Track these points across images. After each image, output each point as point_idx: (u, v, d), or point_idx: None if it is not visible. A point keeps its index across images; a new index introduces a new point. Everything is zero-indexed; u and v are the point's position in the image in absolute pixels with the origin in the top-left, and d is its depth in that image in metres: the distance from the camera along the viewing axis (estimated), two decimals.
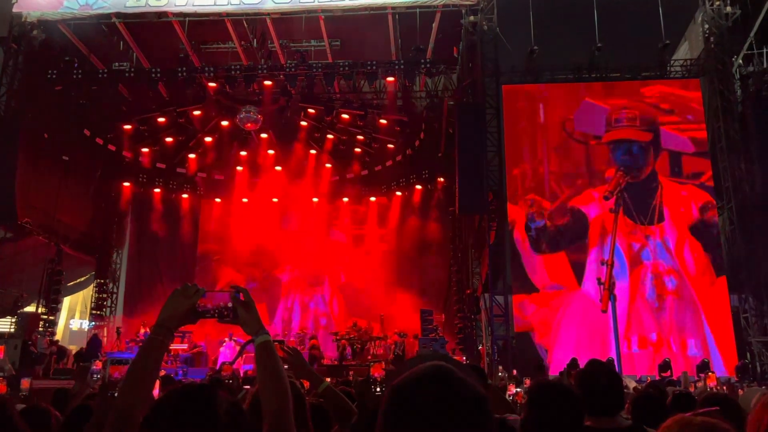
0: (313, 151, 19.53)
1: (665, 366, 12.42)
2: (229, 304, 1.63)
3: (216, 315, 1.63)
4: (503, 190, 14.14)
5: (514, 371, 12.24)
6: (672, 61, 15.45)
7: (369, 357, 15.94)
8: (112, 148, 18.12)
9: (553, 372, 12.04)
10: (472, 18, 14.41)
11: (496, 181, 13.99)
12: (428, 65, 15.11)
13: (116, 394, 2.27)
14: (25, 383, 4.44)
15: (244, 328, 1.64)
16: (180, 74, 15.25)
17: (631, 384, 5.51)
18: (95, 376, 4.10)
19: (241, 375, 11.92)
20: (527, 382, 6.09)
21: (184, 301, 1.59)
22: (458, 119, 14.51)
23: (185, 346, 14.69)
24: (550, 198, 14.31)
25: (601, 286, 13.13)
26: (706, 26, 14.94)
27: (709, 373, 10.12)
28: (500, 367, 12.65)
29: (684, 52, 16.57)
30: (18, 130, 14.12)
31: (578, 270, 13.76)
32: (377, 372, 11.33)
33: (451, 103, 16.12)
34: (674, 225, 13.85)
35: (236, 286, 1.66)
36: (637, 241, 13.79)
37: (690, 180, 14.11)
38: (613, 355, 11.59)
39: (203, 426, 1.19)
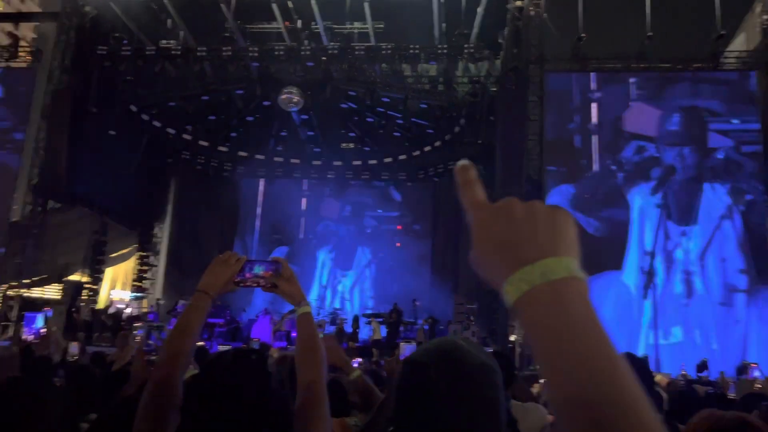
0: (352, 134, 19.60)
1: (702, 366, 12.15)
2: (269, 274, 1.66)
3: (255, 284, 1.66)
4: (543, 179, 13.95)
5: None
6: (726, 53, 14.90)
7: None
8: (157, 124, 18.51)
9: None
10: (518, 3, 14.16)
11: (536, 170, 13.80)
12: (471, 50, 14.94)
13: (155, 358, 2.35)
14: (74, 346, 4.64)
15: (286, 299, 1.68)
16: (225, 53, 15.47)
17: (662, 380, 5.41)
18: (137, 337, 4.30)
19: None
20: None
21: (224, 269, 1.63)
22: (500, 106, 14.33)
23: (222, 321, 15.02)
24: (599, 190, 14.19)
25: (644, 275, 13.12)
26: (765, 17, 14.32)
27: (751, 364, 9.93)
28: None
29: (740, 43, 15.94)
30: (68, 104, 14.55)
31: (618, 257, 13.62)
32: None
33: (494, 89, 15.92)
34: (711, 225, 13.54)
35: (277, 258, 1.70)
36: (672, 239, 13.60)
37: (736, 181, 13.75)
38: (650, 345, 11.58)
39: (256, 384, 1.22)
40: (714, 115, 14.11)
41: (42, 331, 4.27)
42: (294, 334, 11.21)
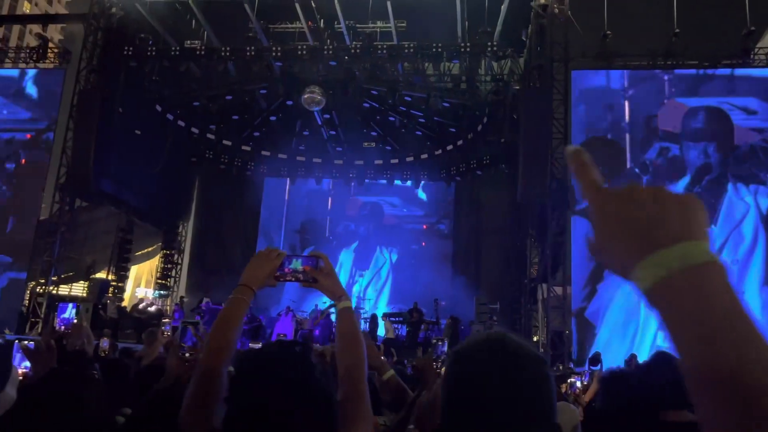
0: (374, 133, 19.61)
1: None
2: (308, 269, 1.66)
3: (295, 279, 1.66)
4: (568, 178, 13.80)
5: (570, 364, 12.04)
6: (756, 49, 14.59)
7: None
8: (181, 123, 18.70)
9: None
10: (542, 0, 14.03)
11: (561, 169, 13.66)
12: (495, 48, 14.83)
13: (189, 354, 2.36)
14: (105, 341, 4.74)
15: (326, 294, 1.67)
16: (248, 53, 15.57)
17: None
18: (165, 333, 4.40)
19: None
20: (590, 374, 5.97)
21: (266, 263, 1.63)
22: (524, 105, 14.21)
23: (245, 319, 15.11)
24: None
25: None
26: None
27: None
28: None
29: None
30: (96, 104, 14.76)
31: None
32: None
33: (517, 87, 15.79)
34: (729, 226, 13.25)
35: (317, 253, 1.69)
36: None
37: (761, 180, 13.46)
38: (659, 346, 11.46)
39: (301, 375, 1.22)
40: (750, 113, 13.80)
41: (74, 321, 4.34)
42: (317, 333, 11.21)
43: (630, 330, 12.86)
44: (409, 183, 20.67)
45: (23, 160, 15.72)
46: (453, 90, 17.10)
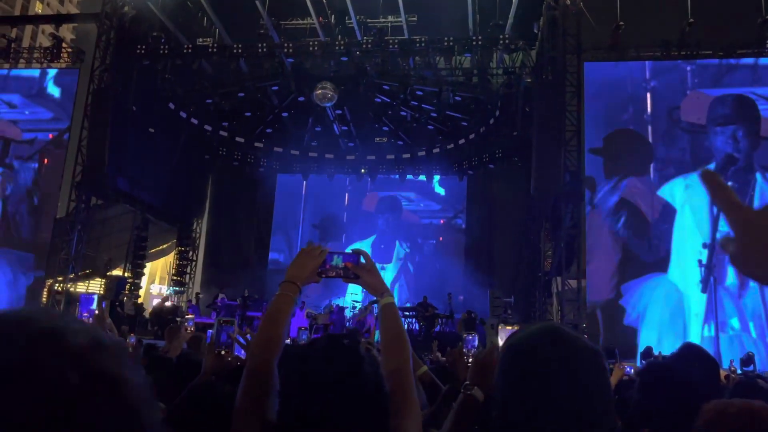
0: (386, 128, 19.61)
1: (748, 360, 11.83)
2: (350, 265, 1.69)
3: (336, 275, 1.69)
4: (581, 171, 13.73)
5: None
6: None
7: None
8: (194, 121, 18.79)
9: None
10: None
11: (574, 161, 13.60)
12: (506, 41, 14.77)
13: (223, 352, 2.41)
14: (132, 337, 4.80)
15: (368, 290, 1.70)
16: (260, 50, 15.61)
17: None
18: (189, 329, 4.44)
19: None
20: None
21: (309, 260, 1.66)
22: (536, 97, 14.16)
23: (260, 314, 15.22)
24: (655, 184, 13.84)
25: (703, 268, 12.75)
26: None
27: None
28: None
29: None
30: (110, 103, 14.87)
31: (665, 252, 13.29)
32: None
33: (529, 80, 15.72)
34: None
35: (357, 249, 1.71)
36: (722, 230, 13.18)
37: None
38: (714, 337, 11.47)
39: (351, 368, 1.24)
40: None
41: (96, 312, 4.38)
42: (332, 329, 11.29)
43: (679, 326, 12.78)
44: (422, 177, 20.66)
45: (46, 160, 15.85)
46: (465, 84, 17.05)
